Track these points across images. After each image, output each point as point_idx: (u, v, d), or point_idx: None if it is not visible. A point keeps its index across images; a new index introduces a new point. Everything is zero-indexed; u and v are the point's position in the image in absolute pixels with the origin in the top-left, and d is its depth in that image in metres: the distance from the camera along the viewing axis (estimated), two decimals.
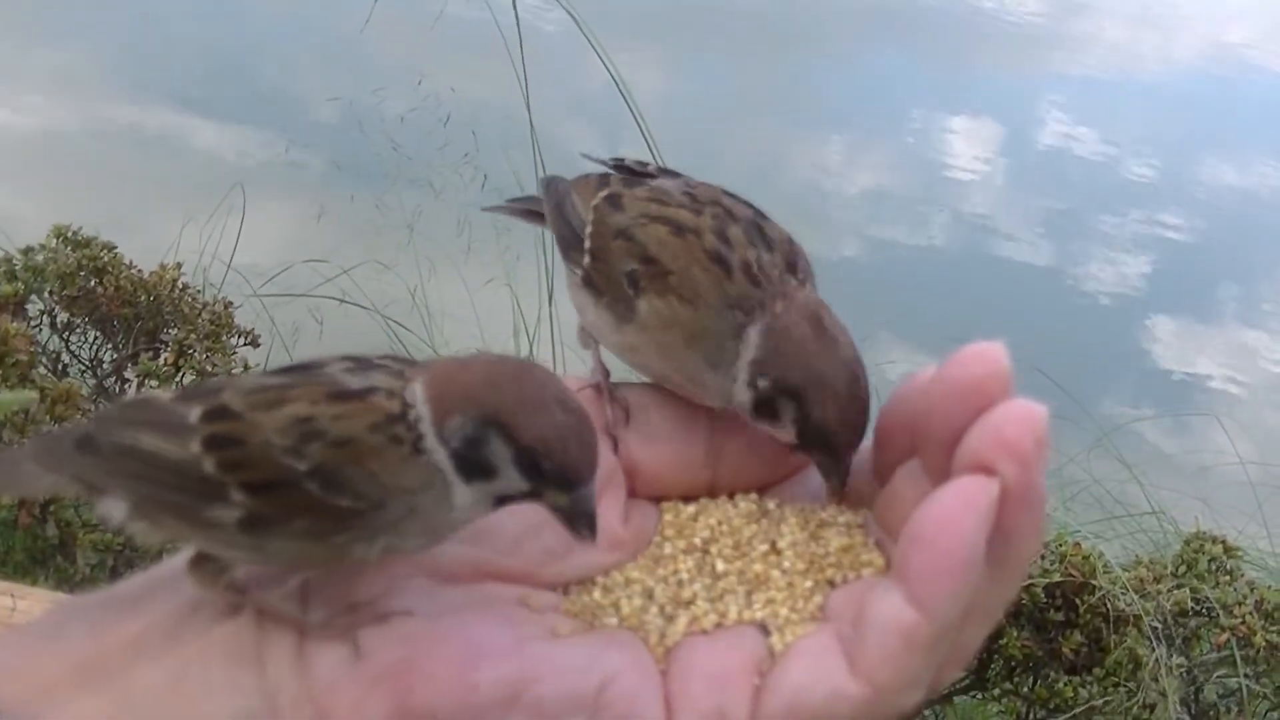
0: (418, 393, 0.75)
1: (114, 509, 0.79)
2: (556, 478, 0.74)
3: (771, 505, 0.86)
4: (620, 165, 0.98)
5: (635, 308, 0.89)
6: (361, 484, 0.74)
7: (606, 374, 0.91)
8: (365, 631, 0.74)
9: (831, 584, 0.80)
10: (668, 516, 0.85)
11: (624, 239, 0.91)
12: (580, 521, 0.75)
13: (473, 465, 0.75)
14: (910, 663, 0.70)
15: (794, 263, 0.89)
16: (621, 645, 0.76)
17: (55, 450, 0.80)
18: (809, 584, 0.79)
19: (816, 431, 0.84)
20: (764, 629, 0.77)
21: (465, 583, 0.79)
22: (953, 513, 0.69)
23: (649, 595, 0.80)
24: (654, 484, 0.86)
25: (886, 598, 0.71)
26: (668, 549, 0.83)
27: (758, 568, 0.81)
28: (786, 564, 0.81)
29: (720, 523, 0.84)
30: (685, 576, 0.81)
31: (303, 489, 0.74)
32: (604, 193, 0.94)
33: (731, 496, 0.86)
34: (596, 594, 0.80)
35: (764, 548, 0.82)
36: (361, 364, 0.77)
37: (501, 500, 0.76)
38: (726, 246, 0.88)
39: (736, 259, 0.87)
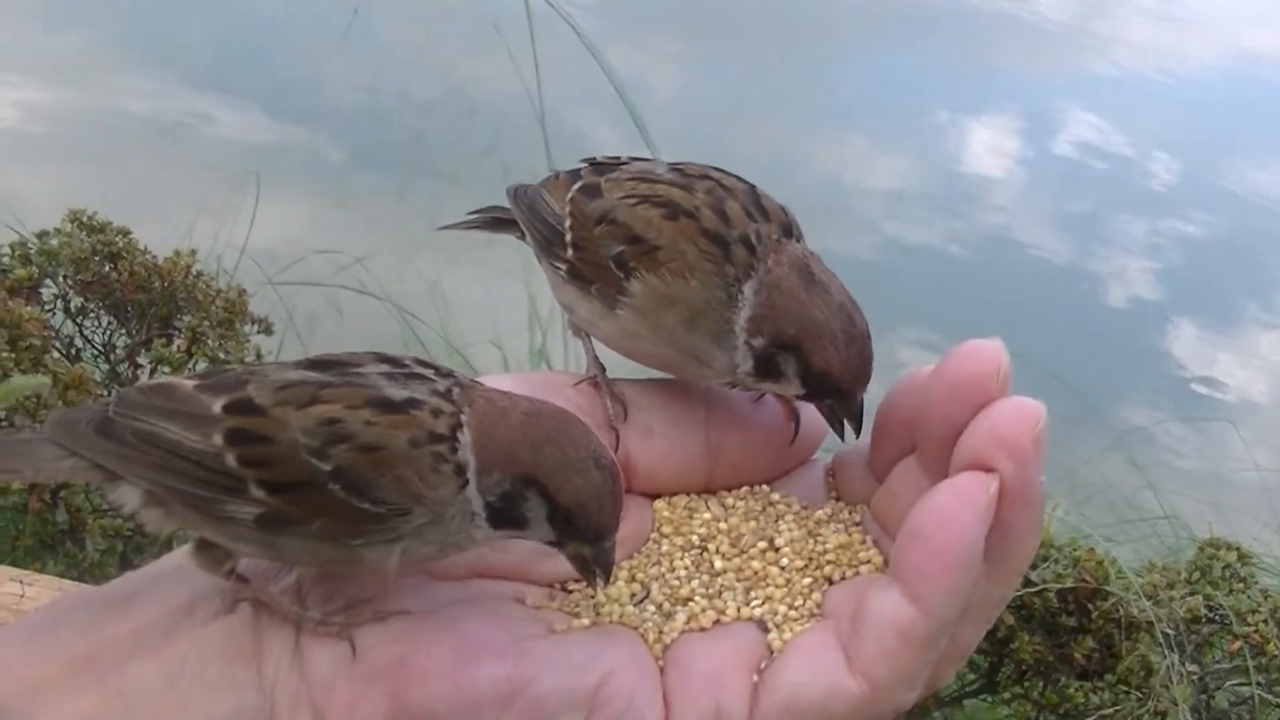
0: (467, 438, 0.75)
1: (127, 496, 0.78)
2: (587, 534, 0.75)
3: (769, 502, 0.85)
4: (592, 162, 0.98)
5: (626, 289, 0.88)
6: (386, 490, 0.73)
7: (602, 368, 0.90)
8: (361, 629, 0.74)
9: (829, 581, 0.79)
10: (664, 513, 0.84)
11: (606, 223, 0.90)
12: (599, 571, 0.76)
13: (505, 517, 0.75)
14: (908, 660, 0.70)
15: (789, 226, 0.88)
16: (619, 642, 0.76)
17: (73, 431, 0.79)
18: (807, 581, 0.79)
19: (820, 378, 0.84)
20: (762, 626, 0.77)
21: (460, 580, 0.79)
22: (951, 509, 0.68)
23: (646, 592, 0.79)
24: (651, 480, 0.85)
25: (884, 595, 0.70)
26: (665, 546, 0.82)
27: (755, 565, 0.80)
28: (784, 561, 0.80)
29: (717, 520, 0.83)
30: (683, 574, 0.80)
31: (326, 490, 0.73)
32: (578, 185, 0.94)
33: (729, 493, 0.85)
34: (593, 591, 0.79)
35: (762, 545, 0.81)
36: (399, 369, 0.77)
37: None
38: (725, 224, 0.87)
39: (735, 235, 0.86)
